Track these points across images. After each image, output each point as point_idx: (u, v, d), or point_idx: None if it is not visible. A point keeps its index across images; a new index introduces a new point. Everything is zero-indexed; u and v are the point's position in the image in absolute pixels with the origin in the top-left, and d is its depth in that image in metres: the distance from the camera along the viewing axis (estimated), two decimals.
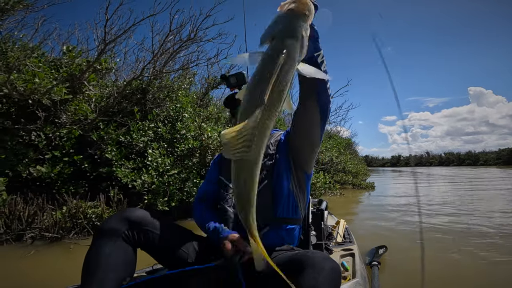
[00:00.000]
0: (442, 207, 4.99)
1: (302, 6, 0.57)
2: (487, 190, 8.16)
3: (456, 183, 11.40)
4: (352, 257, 1.43)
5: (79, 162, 3.52)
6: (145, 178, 3.40)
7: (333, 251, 1.47)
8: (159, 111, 4.35)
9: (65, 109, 3.18)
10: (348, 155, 11.71)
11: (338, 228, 1.94)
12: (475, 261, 2.20)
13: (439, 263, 2.14)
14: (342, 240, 1.78)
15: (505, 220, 3.73)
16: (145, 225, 0.88)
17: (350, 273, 1.22)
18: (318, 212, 1.42)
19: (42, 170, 2.85)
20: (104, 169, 3.49)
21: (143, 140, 3.91)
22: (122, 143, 3.84)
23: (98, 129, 3.65)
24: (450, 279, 1.90)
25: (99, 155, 3.69)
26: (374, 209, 5.07)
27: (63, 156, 3.44)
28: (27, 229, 2.53)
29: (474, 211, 4.47)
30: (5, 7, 3.28)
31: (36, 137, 3.22)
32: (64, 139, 3.51)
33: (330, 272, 0.68)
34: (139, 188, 3.37)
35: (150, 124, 4.08)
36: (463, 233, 3.11)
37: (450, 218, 3.95)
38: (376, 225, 3.64)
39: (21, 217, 2.53)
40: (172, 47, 4.43)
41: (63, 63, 3.28)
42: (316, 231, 1.30)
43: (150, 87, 4.43)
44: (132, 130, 3.85)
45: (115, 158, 3.55)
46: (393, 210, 4.75)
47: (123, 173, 3.41)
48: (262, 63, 0.54)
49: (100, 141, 3.65)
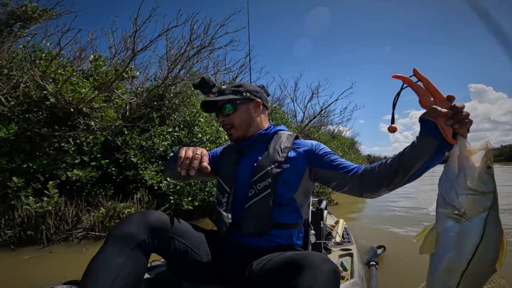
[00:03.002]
0: None
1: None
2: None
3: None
4: (350, 257, 1.43)
5: (105, 166, 3.79)
6: (170, 179, 3.68)
7: (332, 251, 1.48)
8: (177, 116, 4.63)
9: (95, 116, 3.45)
10: (352, 154, 12.03)
11: (337, 227, 1.96)
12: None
13: None
14: (341, 240, 1.79)
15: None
16: (165, 230, 0.83)
17: (348, 273, 1.24)
18: (317, 211, 1.44)
19: (79, 174, 3.11)
20: (131, 172, 3.76)
21: (164, 144, 4.19)
22: (144, 148, 4.11)
23: (122, 134, 3.93)
24: None
25: (123, 159, 3.96)
26: (377, 208, 5.26)
27: (91, 161, 3.71)
28: (73, 229, 2.79)
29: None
30: (32, 16, 3.56)
31: (65, 143, 3.49)
32: (91, 144, 3.78)
33: (329, 274, 0.66)
34: (165, 189, 3.64)
35: (168, 128, 4.36)
36: None
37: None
38: (377, 225, 3.68)
39: (67, 218, 2.79)
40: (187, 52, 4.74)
41: (94, 72, 3.56)
42: (315, 230, 1.30)
43: (166, 93, 4.72)
44: (154, 135, 4.13)
45: (139, 161, 3.83)
46: (395, 210, 4.91)
47: (149, 175, 3.68)
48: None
49: (124, 145, 3.93)
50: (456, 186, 0.52)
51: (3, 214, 2.67)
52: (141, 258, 0.77)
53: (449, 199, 0.53)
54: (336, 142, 10.53)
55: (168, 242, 0.83)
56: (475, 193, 0.51)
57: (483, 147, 0.54)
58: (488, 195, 0.52)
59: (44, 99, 2.97)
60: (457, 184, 0.52)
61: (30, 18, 3.43)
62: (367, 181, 0.85)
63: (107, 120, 3.69)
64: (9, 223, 2.63)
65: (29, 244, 2.66)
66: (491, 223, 0.51)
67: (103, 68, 3.71)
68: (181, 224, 0.88)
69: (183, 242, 0.86)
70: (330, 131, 11.94)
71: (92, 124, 3.51)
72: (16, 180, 2.69)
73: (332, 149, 9.45)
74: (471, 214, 0.51)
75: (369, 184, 0.85)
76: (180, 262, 0.88)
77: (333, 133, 12.15)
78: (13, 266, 2.27)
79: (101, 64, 3.65)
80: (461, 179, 0.52)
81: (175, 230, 0.85)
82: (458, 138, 0.58)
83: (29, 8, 3.44)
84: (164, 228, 0.82)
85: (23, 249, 2.60)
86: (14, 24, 3.49)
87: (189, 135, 4.50)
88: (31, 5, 3.46)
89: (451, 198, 0.53)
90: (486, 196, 0.52)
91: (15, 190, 2.70)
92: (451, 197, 0.53)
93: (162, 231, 0.81)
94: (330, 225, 1.97)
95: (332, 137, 11.30)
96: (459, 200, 0.51)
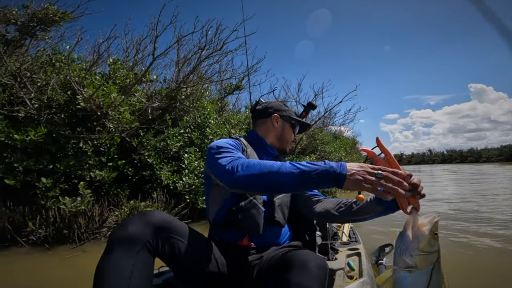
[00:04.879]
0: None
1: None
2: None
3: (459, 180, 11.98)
4: (358, 256, 1.43)
5: (121, 167, 3.96)
6: (186, 179, 3.86)
7: (339, 251, 1.47)
8: (189, 117, 4.81)
9: (113, 118, 3.62)
10: (354, 154, 12.26)
11: (343, 227, 1.98)
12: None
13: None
14: (347, 240, 1.81)
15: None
16: (171, 231, 0.80)
17: (356, 273, 1.24)
18: None
19: (102, 174, 3.28)
20: (147, 172, 3.93)
21: (177, 145, 4.36)
22: (158, 148, 4.28)
23: (138, 136, 4.10)
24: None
25: (138, 159, 4.13)
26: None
27: (107, 161, 3.87)
28: (100, 228, 2.97)
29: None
30: (53, 18, 3.69)
31: (83, 144, 3.66)
32: (108, 145, 3.95)
33: (315, 268, 0.74)
34: (181, 189, 3.82)
35: (180, 130, 4.54)
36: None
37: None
38: (383, 224, 3.71)
39: (94, 217, 2.97)
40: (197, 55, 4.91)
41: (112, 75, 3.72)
42: (321, 231, 1.32)
43: (178, 96, 4.89)
44: (167, 137, 4.30)
45: (155, 162, 4.00)
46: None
47: (165, 175, 3.85)
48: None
49: (139, 147, 4.10)
50: (410, 248, 0.70)
51: (35, 214, 2.83)
52: (150, 259, 0.75)
53: (405, 257, 0.70)
54: (338, 143, 10.74)
55: (174, 246, 0.80)
56: (425, 253, 0.69)
57: (431, 221, 0.71)
58: (435, 253, 0.70)
59: (69, 102, 3.13)
60: (411, 247, 0.70)
61: (52, 21, 3.56)
62: (326, 218, 1.06)
63: (124, 122, 3.86)
64: (42, 223, 2.80)
65: (61, 243, 2.82)
66: (436, 272, 0.70)
67: (121, 71, 3.87)
68: (182, 225, 0.86)
69: (190, 249, 0.84)
70: (331, 131, 12.17)
71: (110, 126, 3.67)
72: (45, 181, 2.86)
73: (335, 149, 9.69)
74: (421, 267, 0.69)
75: (325, 220, 1.13)
76: (186, 271, 0.86)
77: (335, 133, 12.38)
78: (55, 267, 2.38)
79: (119, 67, 3.80)
80: (414, 243, 0.69)
81: (180, 232, 0.83)
82: (412, 212, 0.73)
83: (50, 10, 3.57)
84: (167, 229, 0.80)
85: (57, 248, 2.75)
86: (35, 27, 3.63)
87: (201, 137, 4.68)
88: (52, 8, 3.59)
89: (407, 256, 0.70)
90: (433, 254, 0.70)
91: (43, 190, 2.86)
92: (407, 256, 0.70)
93: (166, 231, 0.79)
94: (336, 225, 1.94)
95: (335, 138, 11.52)
96: (413, 259, 0.69)
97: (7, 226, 2.71)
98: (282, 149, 1.21)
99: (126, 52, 4.86)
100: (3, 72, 3.13)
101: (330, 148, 9.67)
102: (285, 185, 0.72)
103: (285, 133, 1.20)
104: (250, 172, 0.76)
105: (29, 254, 2.63)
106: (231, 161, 0.83)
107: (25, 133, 2.84)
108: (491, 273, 2.07)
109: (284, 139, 1.20)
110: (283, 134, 1.20)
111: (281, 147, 1.20)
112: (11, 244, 2.76)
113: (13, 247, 2.74)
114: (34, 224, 2.80)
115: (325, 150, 9.42)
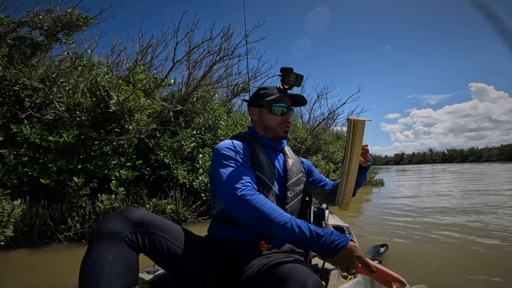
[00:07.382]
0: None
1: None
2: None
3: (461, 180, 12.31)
4: None
5: (139, 166, 4.24)
6: (202, 178, 4.15)
7: None
8: (201, 119, 5.10)
9: (133, 121, 3.89)
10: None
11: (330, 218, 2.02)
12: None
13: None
14: None
15: None
16: (150, 227, 0.83)
17: None
18: (319, 211, 1.48)
19: (126, 174, 3.56)
20: (164, 172, 4.22)
21: (191, 146, 4.65)
22: (173, 149, 4.56)
23: (155, 137, 4.38)
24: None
25: (155, 159, 4.42)
26: (379, 207, 5.41)
27: (126, 162, 4.15)
28: None
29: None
30: (77, 23, 3.92)
31: (106, 145, 3.93)
32: (126, 146, 4.22)
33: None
34: (197, 187, 4.11)
35: (192, 131, 4.82)
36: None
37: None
38: (379, 223, 3.85)
39: None
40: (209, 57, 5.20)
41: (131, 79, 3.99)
42: None
43: (190, 98, 5.17)
44: (182, 137, 4.58)
45: (171, 162, 4.29)
46: (397, 209, 5.08)
47: (182, 174, 4.14)
48: None
49: (156, 147, 4.38)
50: None
51: (70, 211, 3.10)
52: (131, 254, 0.77)
53: None
54: (341, 143, 11.06)
55: (154, 240, 0.83)
56: None
57: None
58: None
59: (96, 106, 3.40)
60: None
61: (76, 25, 3.80)
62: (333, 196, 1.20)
63: (143, 124, 4.13)
64: (78, 220, 3.07)
65: None
66: None
67: (140, 75, 4.14)
68: (164, 222, 0.88)
69: (171, 243, 0.86)
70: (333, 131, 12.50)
71: (130, 128, 3.95)
72: (77, 180, 3.13)
73: (338, 149, 10.02)
74: None
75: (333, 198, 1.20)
76: (171, 265, 0.88)
77: (337, 133, 12.70)
78: None
79: (139, 72, 4.07)
80: None
81: (160, 227, 0.85)
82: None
83: (74, 15, 3.80)
84: (146, 224, 0.82)
85: None
86: (59, 32, 3.87)
87: (213, 138, 4.96)
88: (75, 13, 3.82)
89: None
90: None
91: (75, 189, 3.14)
92: None
93: (144, 227, 0.81)
94: (331, 224, 2.03)
95: (337, 138, 11.84)
96: None
97: (49, 223, 2.98)
98: (275, 137, 1.14)
99: (141, 54, 5.12)
100: (33, 76, 3.39)
101: (333, 148, 10.01)
102: (284, 239, 0.82)
103: (266, 121, 1.12)
104: (255, 214, 0.83)
105: (69, 249, 2.89)
106: (243, 191, 0.87)
107: (57, 135, 3.11)
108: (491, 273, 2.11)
109: (268, 126, 1.12)
110: (265, 122, 1.12)
111: (273, 135, 1.14)
112: (50, 241, 3.03)
113: (52, 243, 3.01)
114: (72, 221, 3.07)
115: (329, 150, 9.75)
